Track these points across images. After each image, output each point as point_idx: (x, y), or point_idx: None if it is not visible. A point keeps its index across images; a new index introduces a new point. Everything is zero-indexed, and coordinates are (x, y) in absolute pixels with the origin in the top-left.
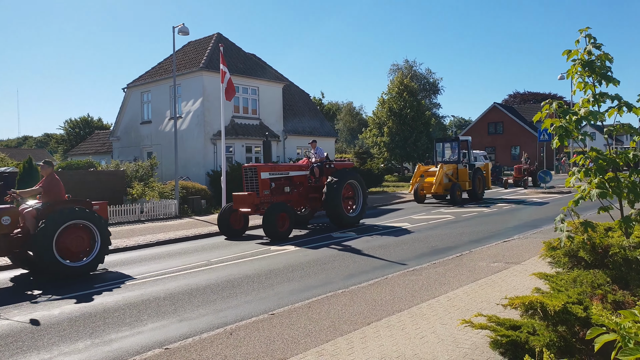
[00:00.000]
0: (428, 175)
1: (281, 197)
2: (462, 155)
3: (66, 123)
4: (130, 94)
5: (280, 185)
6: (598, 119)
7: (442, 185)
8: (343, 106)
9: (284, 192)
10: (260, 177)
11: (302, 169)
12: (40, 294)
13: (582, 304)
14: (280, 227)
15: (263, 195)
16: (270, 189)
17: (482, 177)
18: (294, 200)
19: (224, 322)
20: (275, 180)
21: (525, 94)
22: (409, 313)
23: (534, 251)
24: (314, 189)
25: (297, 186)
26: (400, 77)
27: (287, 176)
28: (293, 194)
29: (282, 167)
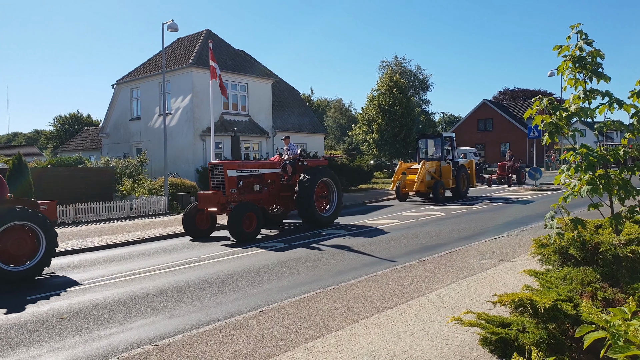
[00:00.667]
0: (410, 172)
1: (250, 196)
2: (445, 152)
3: (56, 119)
4: (120, 91)
5: (249, 183)
6: (589, 115)
7: (424, 183)
8: (332, 103)
9: (253, 191)
10: (226, 175)
11: (273, 166)
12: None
13: (572, 301)
14: (247, 228)
15: (230, 194)
16: (238, 187)
17: (466, 175)
18: (264, 199)
19: (213, 319)
20: (243, 178)
21: (515, 91)
22: (398, 310)
23: (523, 248)
24: (286, 187)
25: (268, 184)
26: (390, 73)
27: (256, 174)
28: (263, 192)
29: (251, 164)
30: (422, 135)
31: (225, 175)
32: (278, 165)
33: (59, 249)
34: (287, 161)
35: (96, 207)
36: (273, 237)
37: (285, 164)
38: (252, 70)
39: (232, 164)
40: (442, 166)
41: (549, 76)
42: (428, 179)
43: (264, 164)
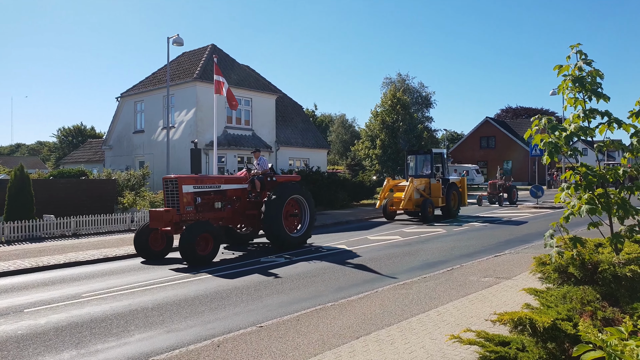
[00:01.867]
0: (398, 189)
1: (210, 214)
2: (435, 169)
3: (59, 131)
4: (124, 104)
5: (209, 200)
6: (588, 134)
7: (412, 201)
8: (336, 118)
9: (214, 209)
10: (181, 191)
11: (239, 181)
12: None
13: (571, 320)
14: (201, 250)
15: (185, 211)
16: (196, 204)
17: (457, 193)
18: (227, 218)
19: (211, 334)
20: (202, 194)
21: (517, 109)
22: (398, 327)
23: (524, 266)
24: (253, 204)
25: (233, 202)
26: (393, 90)
27: (218, 190)
28: (226, 210)
29: (211, 179)
30: (411, 151)
31: (180, 191)
32: (245, 180)
33: (58, 261)
34: (256, 176)
35: (97, 220)
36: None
37: (253, 180)
38: (257, 85)
39: (188, 178)
40: (431, 184)
41: (551, 95)
42: (417, 196)
43: (228, 179)
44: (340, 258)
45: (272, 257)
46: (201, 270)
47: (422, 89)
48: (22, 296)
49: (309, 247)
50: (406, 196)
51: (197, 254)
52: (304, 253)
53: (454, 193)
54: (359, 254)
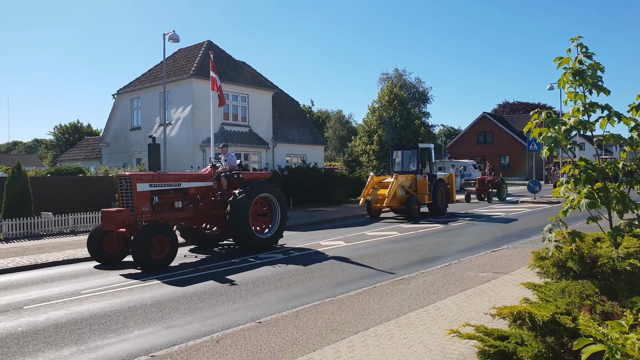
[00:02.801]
0: (382, 186)
1: (169, 215)
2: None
3: (56, 129)
4: (120, 101)
5: (168, 199)
6: (588, 128)
7: (397, 198)
8: (332, 114)
9: (173, 208)
10: (135, 189)
11: (202, 179)
12: None
13: (570, 314)
14: (156, 254)
15: (140, 212)
16: (153, 204)
17: (445, 190)
18: (189, 218)
19: (210, 330)
20: (159, 193)
21: (514, 104)
22: (397, 322)
23: (522, 261)
24: (218, 204)
25: (195, 201)
26: (390, 85)
27: (178, 188)
28: (188, 210)
29: (170, 176)
30: (396, 146)
31: (134, 189)
32: (209, 178)
33: (57, 259)
34: (222, 173)
35: (95, 217)
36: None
37: (219, 177)
38: (253, 82)
39: (143, 176)
40: (417, 180)
41: (548, 90)
42: (402, 193)
43: (190, 177)
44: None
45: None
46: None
47: (419, 84)
48: (21, 293)
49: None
50: (390, 193)
51: (151, 258)
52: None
53: (442, 190)
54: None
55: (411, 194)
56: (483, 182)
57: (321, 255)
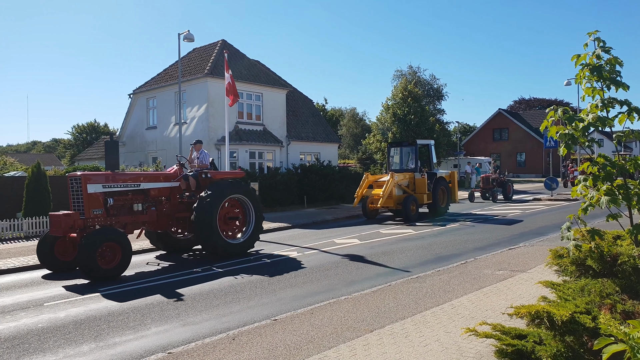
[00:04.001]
0: (378, 185)
1: (127, 218)
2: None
3: (74, 128)
4: (136, 100)
5: (125, 201)
6: (606, 124)
7: (393, 198)
8: (346, 112)
9: (132, 211)
10: (85, 191)
11: (167, 179)
12: None
13: (590, 313)
14: (105, 263)
15: (92, 215)
16: (107, 206)
17: (447, 189)
18: (150, 222)
19: (226, 327)
20: (115, 194)
21: (530, 100)
22: (412, 321)
23: (540, 259)
24: (185, 206)
25: (159, 203)
26: (405, 82)
27: (137, 189)
28: (149, 213)
29: (127, 176)
30: (393, 143)
31: (84, 190)
32: (174, 177)
33: None
34: (191, 172)
35: None
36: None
37: (186, 176)
38: (267, 80)
39: (95, 176)
40: (416, 179)
41: (565, 85)
42: (398, 193)
43: (151, 176)
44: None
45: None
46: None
47: (434, 81)
48: (41, 290)
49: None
50: (385, 193)
51: (98, 268)
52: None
53: (442, 189)
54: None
55: (409, 193)
56: (487, 180)
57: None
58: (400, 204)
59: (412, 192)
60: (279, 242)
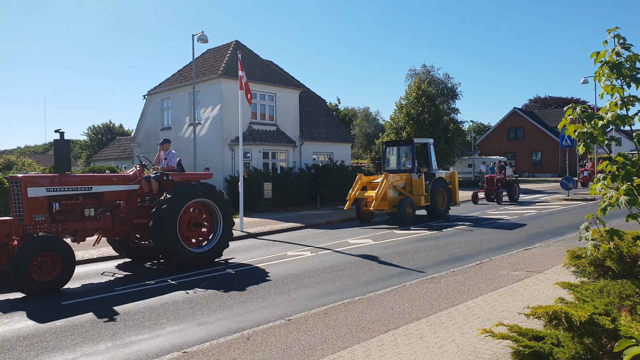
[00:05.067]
0: (372, 187)
1: (76, 225)
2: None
3: (89, 129)
4: (151, 101)
5: (74, 206)
6: (626, 123)
7: (388, 200)
8: (359, 112)
9: (83, 217)
10: (25, 195)
11: (124, 181)
12: None
13: (609, 315)
14: (42, 276)
15: (33, 222)
16: (51, 212)
17: (447, 190)
18: (105, 229)
19: (241, 327)
20: (61, 199)
21: (546, 99)
22: (427, 321)
23: (556, 260)
24: (147, 210)
25: (116, 208)
26: (418, 81)
27: (88, 192)
28: (103, 218)
29: (77, 179)
30: (389, 142)
31: (24, 194)
32: (133, 179)
33: (92, 256)
34: (154, 174)
35: None
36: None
37: (148, 178)
38: (280, 80)
39: (38, 178)
40: (413, 179)
41: (582, 83)
42: (394, 195)
43: (105, 179)
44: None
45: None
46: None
47: (448, 80)
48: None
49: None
50: (379, 195)
51: (32, 281)
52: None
53: (442, 190)
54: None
55: (405, 195)
56: (492, 181)
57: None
58: (395, 207)
59: (409, 193)
60: (292, 242)
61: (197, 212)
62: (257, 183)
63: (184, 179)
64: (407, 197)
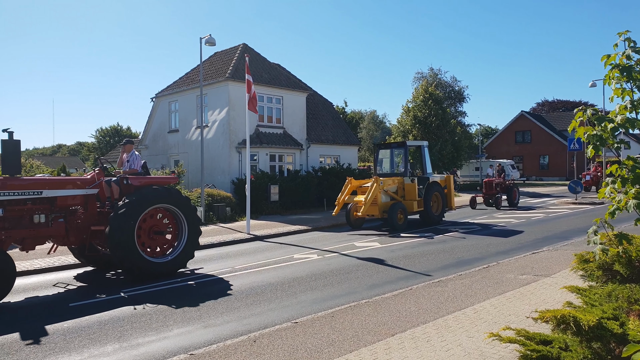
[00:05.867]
0: (362, 192)
1: (24, 232)
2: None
3: (97, 132)
4: (159, 104)
5: (22, 212)
6: (636, 126)
7: (378, 205)
8: (366, 115)
9: (33, 224)
10: None
11: (79, 185)
12: None
13: (618, 319)
14: None
15: None
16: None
17: (442, 195)
18: (57, 236)
19: (247, 330)
20: (7, 204)
21: (554, 102)
22: (434, 325)
23: (564, 264)
24: (106, 216)
25: (71, 214)
26: (425, 85)
27: (38, 197)
28: (56, 225)
29: (26, 182)
30: (381, 144)
31: None
32: (90, 183)
33: None
34: (116, 177)
35: None
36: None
37: (109, 182)
38: (287, 83)
39: None
40: (405, 184)
41: (590, 87)
42: (385, 200)
43: (58, 182)
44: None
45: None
46: None
47: (455, 83)
48: (66, 291)
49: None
50: (368, 200)
51: None
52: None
53: (436, 195)
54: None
55: (397, 200)
56: (490, 185)
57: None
58: (386, 212)
59: (401, 198)
60: (299, 245)
61: (160, 219)
62: (264, 186)
63: (145, 183)
64: (398, 202)
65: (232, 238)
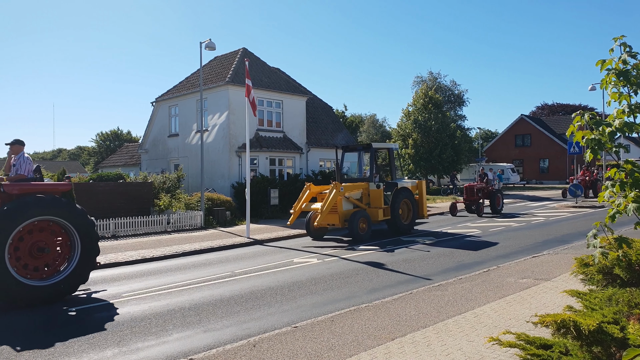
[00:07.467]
0: (322, 198)
1: None
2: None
3: (97, 136)
4: (159, 108)
5: None
6: (634, 130)
7: (339, 214)
8: (366, 118)
9: None
10: None
11: None
12: None
13: (618, 323)
14: None
15: None
16: None
17: (412, 202)
18: None
19: (247, 334)
20: None
21: (553, 106)
22: (434, 329)
23: (564, 268)
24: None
25: None
26: (425, 88)
27: None
28: None
29: None
30: (346, 147)
31: None
32: None
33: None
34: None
35: (135, 222)
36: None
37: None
38: (287, 88)
39: None
40: (370, 190)
41: (589, 90)
42: (347, 207)
43: None
44: None
45: None
46: None
47: (455, 87)
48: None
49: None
50: (326, 207)
51: None
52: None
53: (406, 202)
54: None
55: (361, 207)
56: (472, 190)
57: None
58: (347, 221)
59: (366, 206)
60: (298, 249)
61: (46, 234)
62: (264, 189)
63: (27, 191)
64: (361, 210)
65: (232, 242)
